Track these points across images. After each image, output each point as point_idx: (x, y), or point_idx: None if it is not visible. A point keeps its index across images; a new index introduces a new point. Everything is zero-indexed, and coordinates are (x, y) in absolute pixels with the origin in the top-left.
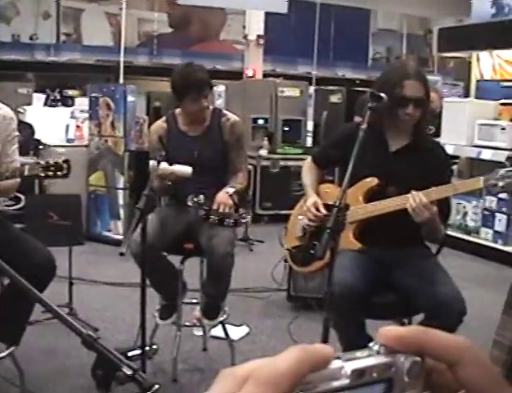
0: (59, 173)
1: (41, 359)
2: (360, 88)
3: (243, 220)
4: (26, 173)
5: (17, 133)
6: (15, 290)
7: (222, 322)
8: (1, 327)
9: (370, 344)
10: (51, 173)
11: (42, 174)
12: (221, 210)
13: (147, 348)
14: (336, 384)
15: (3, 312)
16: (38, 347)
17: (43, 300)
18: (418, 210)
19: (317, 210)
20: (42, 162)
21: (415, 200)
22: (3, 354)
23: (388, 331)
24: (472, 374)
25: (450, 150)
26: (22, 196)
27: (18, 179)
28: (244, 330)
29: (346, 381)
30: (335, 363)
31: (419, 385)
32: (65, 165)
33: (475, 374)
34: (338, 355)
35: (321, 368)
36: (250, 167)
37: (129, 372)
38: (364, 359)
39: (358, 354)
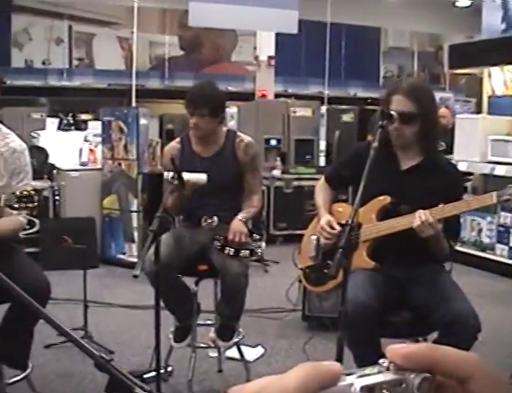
0: (30, 205)
1: (57, 382)
2: (372, 107)
3: (258, 250)
4: (1, 203)
5: (28, 169)
6: (16, 315)
7: (237, 344)
8: (8, 353)
9: (380, 360)
10: (23, 205)
11: (16, 206)
12: (236, 239)
13: (162, 370)
14: None
15: (9, 338)
16: (53, 370)
17: (56, 322)
18: (423, 227)
19: (331, 227)
20: (18, 193)
21: (420, 218)
22: (19, 377)
23: (397, 349)
24: (483, 390)
25: (463, 166)
26: (36, 221)
27: (21, 219)
28: (259, 351)
29: None
30: (344, 381)
31: None
32: (36, 197)
33: (486, 390)
34: (347, 372)
35: (330, 385)
36: (264, 188)
37: None
38: (374, 376)
39: (368, 370)
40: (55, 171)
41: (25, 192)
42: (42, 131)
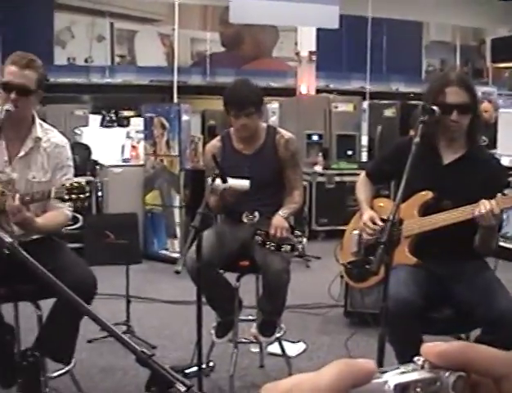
0: (81, 196)
1: (99, 376)
2: (414, 102)
3: (299, 245)
4: (52, 195)
5: (70, 163)
6: (61, 310)
7: (278, 339)
8: (53, 347)
9: (415, 358)
10: (74, 196)
11: (67, 197)
12: (278, 234)
13: (204, 365)
14: None
15: (54, 332)
16: (96, 365)
17: (98, 317)
18: (487, 216)
19: (374, 223)
20: (67, 184)
21: (485, 207)
22: (62, 371)
23: (430, 347)
24: None
25: (506, 161)
26: (80, 216)
27: (67, 213)
28: (301, 346)
29: None
30: (378, 378)
31: None
32: (87, 188)
33: None
34: (382, 370)
35: (364, 382)
36: (305, 183)
37: (183, 388)
38: (408, 374)
39: (402, 368)
40: (98, 167)
41: (75, 184)
42: (85, 128)
